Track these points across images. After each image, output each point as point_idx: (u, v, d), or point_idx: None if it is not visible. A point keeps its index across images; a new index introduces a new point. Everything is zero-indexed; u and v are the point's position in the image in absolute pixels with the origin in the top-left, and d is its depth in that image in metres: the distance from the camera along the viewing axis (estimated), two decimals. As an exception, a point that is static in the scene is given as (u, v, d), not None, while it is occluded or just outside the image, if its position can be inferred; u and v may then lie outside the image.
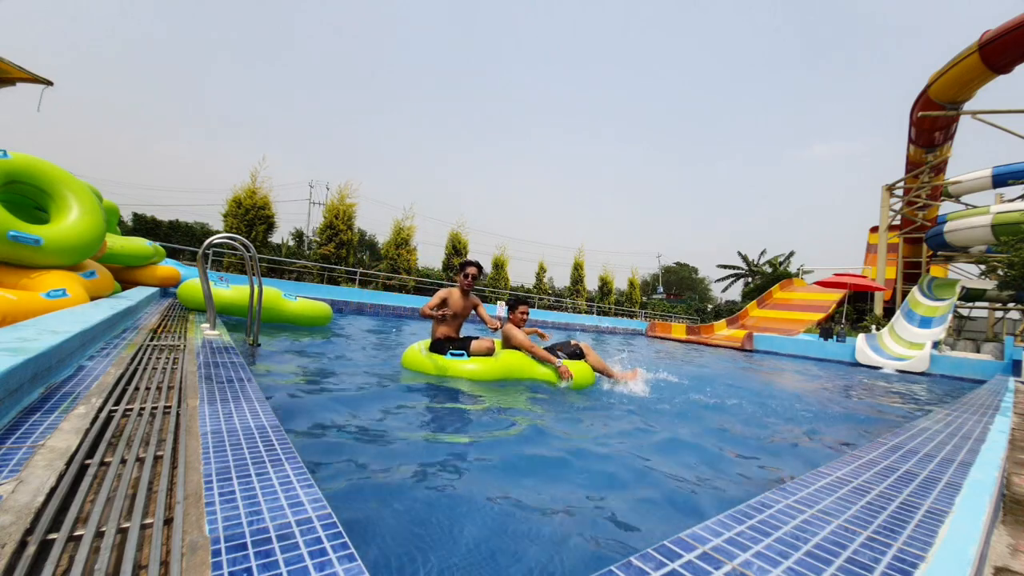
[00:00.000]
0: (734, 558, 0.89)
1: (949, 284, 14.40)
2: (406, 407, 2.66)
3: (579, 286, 20.62)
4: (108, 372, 1.96)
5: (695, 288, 58.42)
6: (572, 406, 3.18)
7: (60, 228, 3.69)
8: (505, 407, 2.92)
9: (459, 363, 3.54)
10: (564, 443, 2.29)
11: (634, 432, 2.66)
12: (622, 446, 2.34)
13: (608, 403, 3.39)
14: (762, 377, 6.64)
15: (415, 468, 1.76)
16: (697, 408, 3.54)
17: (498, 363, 3.64)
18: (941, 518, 1.17)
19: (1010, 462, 2.07)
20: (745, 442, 2.72)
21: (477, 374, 3.52)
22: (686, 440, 2.59)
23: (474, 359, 3.59)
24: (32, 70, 6.35)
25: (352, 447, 1.92)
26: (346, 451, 1.87)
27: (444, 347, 3.66)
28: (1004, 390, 4.78)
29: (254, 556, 0.76)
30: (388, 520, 1.34)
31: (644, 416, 3.06)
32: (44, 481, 0.97)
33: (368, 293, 11.97)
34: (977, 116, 13.06)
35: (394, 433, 2.16)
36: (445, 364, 3.55)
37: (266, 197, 12.75)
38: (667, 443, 2.49)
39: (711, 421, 3.16)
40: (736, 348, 13.21)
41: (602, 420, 2.88)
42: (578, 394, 3.57)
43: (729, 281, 40.24)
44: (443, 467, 1.81)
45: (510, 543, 1.29)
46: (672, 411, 3.33)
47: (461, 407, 2.84)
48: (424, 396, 3.01)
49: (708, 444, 2.57)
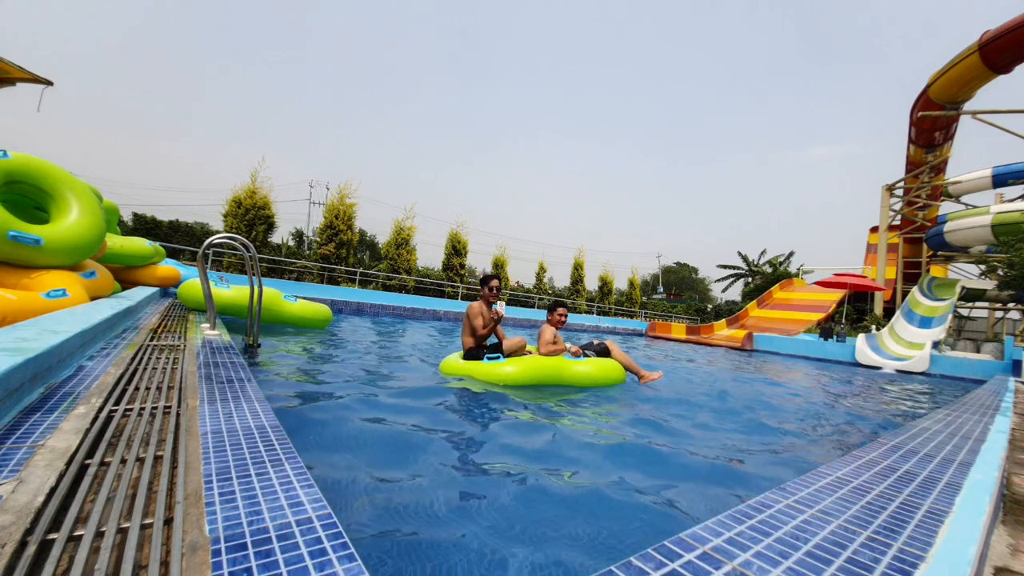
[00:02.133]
0: (734, 558, 0.89)
1: (949, 284, 14.40)
2: (406, 407, 2.66)
3: (579, 286, 20.62)
4: (108, 372, 1.96)
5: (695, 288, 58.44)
6: (588, 405, 3.18)
7: (60, 228, 3.69)
8: (507, 407, 2.92)
9: (497, 366, 3.62)
10: (566, 444, 2.28)
11: (637, 432, 2.66)
12: (624, 446, 2.34)
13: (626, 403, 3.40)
14: (762, 377, 6.64)
15: (415, 468, 1.76)
16: (697, 408, 3.54)
17: (533, 364, 3.71)
18: (941, 518, 1.17)
19: (1010, 462, 2.07)
20: (745, 442, 2.72)
21: (515, 376, 3.59)
22: (686, 440, 2.59)
23: (511, 361, 3.67)
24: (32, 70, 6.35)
25: (352, 447, 1.92)
26: (346, 451, 1.87)
27: (479, 355, 3.77)
28: (1004, 390, 4.77)
29: (254, 556, 0.76)
30: (388, 520, 1.34)
31: (649, 416, 3.06)
32: (44, 481, 0.97)
33: (368, 293, 11.97)
34: (977, 116, 13.06)
35: (394, 433, 2.16)
36: (485, 369, 3.63)
37: (266, 197, 12.76)
38: (667, 443, 2.49)
39: (711, 421, 3.16)
40: (736, 348, 13.20)
41: (610, 421, 2.88)
42: (607, 392, 3.67)
43: (729, 281, 40.24)
44: (443, 466, 1.81)
45: (510, 542, 1.29)
46: (672, 411, 3.33)
47: (462, 407, 2.84)
48: (424, 396, 3.01)
49: (708, 444, 2.57)
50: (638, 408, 3.31)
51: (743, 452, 2.49)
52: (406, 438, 2.11)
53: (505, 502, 1.54)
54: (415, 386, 3.25)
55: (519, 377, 3.61)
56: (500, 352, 3.77)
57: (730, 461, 2.30)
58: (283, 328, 5.72)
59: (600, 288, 22.34)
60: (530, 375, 3.67)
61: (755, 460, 2.38)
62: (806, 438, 3.04)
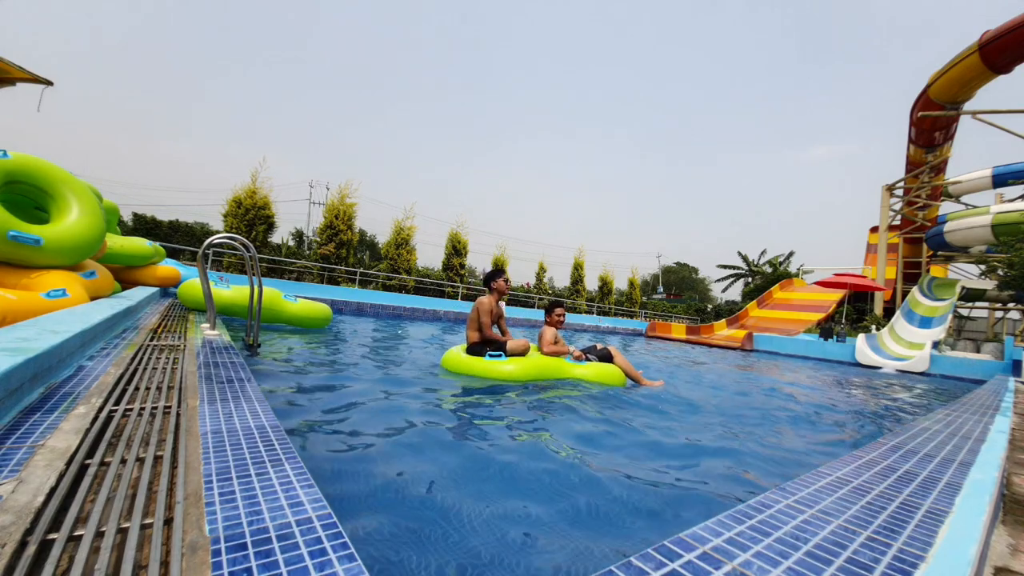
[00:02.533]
0: (734, 558, 0.89)
1: (949, 284, 14.40)
2: (406, 406, 2.66)
3: (579, 286, 20.62)
4: (108, 372, 1.96)
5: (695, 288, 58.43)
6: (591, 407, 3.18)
7: (60, 228, 3.69)
8: (506, 405, 2.92)
9: (498, 364, 3.66)
10: (569, 442, 2.28)
11: (640, 432, 2.66)
12: (625, 446, 2.34)
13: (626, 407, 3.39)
14: (762, 377, 6.64)
15: (415, 467, 1.76)
16: (696, 408, 3.54)
17: (534, 363, 3.77)
18: (941, 518, 1.17)
19: (1010, 462, 2.07)
20: (745, 442, 2.72)
21: (515, 374, 3.64)
22: (685, 440, 2.59)
23: (511, 359, 3.72)
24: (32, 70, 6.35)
25: (352, 447, 1.92)
26: (346, 451, 1.87)
27: (481, 350, 3.80)
28: (1004, 390, 4.77)
29: (254, 556, 0.76)
30: (388, 520, 1.34)
31: (651, 417, 3.06)
32: (44, 481, 0.97)
33: (368, 293, 11.96)
34: (977, 116, 13.06)
35: (394, 432, 2.16)
36: (485, 366, 3.67)
37: (266, 197, 12.76)
38: (667, 443, 2.49)
39: (711, 421, 3.16)
40: (736, 348, 13.20)
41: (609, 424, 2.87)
42: (605, 396, 3.64)
43: (729, 281, 40.25)
44: (444, 466, 1.81)
45: (510, 543, 1.29)
46: (673, 412, 3.33)
47: (462, 406, 2.84)
48: (424, 395, 3.01)
49: (708, 444, 2.57)
50: (637, 408, 3.31)
51: (742, 452, 2.48)
52: (406, 437, 2.11)
53: (508, 502, 1.54)
54: (415, 385, 3.25)
55: (519, 376, 3.65)
56: (503, 351, 3.79)
57: (729, 461, 2.30)
58: (283, 328, 5.72)
59: (600, 288, 22.34)
60: (530, 374, 3.70)
61: (755, 460, 2.38)
62: (806, 438, 3.04)
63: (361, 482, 1.58)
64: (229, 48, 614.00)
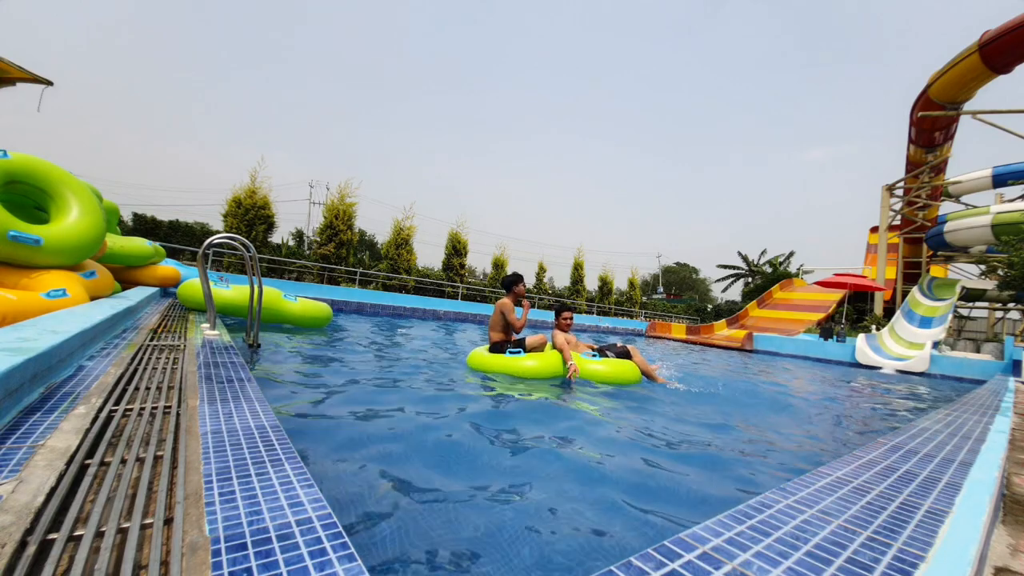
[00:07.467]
0: (734, 558, 0.89)
1: (949, 284, 14.40)
2: (406, 406, 2.66)
3: (579, 286, 20.62)
4: (108, 372, 1.96)
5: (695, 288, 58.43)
6: (597, 406, 3.18)
7: (60, 228, 3.69)
8: (510, 406, 2.92)
9: (519, 360, 3.89)
10: (570, 442, 2.28)
11: (641, 432, 2.66)
12: (625, 446, 2.34)
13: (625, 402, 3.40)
14: (762, 378, 6.64)
15: (416, 467, 1.76)
16: (696, 408, 3.54)
17: (553, 362, 3.97)
18: (941, 518, 1.17)
19: (1010, 462, 2.07)
20: (745, 442, 2.72)
21: (535, 370, 3.88)
22: (685, 440, 2.59)
23: (531, 355, 3.95)
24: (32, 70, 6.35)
25: (352, 447, 1.92)
26: (346, 451, 1.87)
27: (502, 348, 4.06)
28: (1004, 390, 4.77)
29: (254, 556, 0.76)
30: (388, 520, 1.34)
31: (652, 417, 3.06)
32: (44, 481, 0.97)
33: (368, 293, 11.96)
34: (977, 116, 13.06)
35: (395, 432, 2.16)
36: (507, 363, 3.89)
37: (266, 197, 12.76)
38: (666, 443, 2.49)
39: (711, 421, 3.16)
40: (736, 348, 13.20)
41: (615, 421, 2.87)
42: (617, 393, 3.73)
43: (729, 281, 40.24)
44: (443, 465, 1.81)
45: (510, 543, 1.29)
46: (673, 411, 3.33)
47: (462, 406, 2.84)
48: (425, 395, 3.00)
49: (708, 444, 2.57)
50: (636, 408, 3.30)
51: (742, 452, 2.48)
52: (407, 436, 2.11)
53: (508, 501, 1.54)
54: (415, 385, 3.25)
55: (538, 371, 3.85)
56: (522, 347, 4.03)
57: (729, 461, 2.30)
58: (283, 328, 5.72)
59: (600, 288, 22.33)
60: (548, 370, 3.89)
61: (755, 460, 2.38)
62: (806, 438, 3.04)
63: (361, 482, 1.58)
64: (230, 48, 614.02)
